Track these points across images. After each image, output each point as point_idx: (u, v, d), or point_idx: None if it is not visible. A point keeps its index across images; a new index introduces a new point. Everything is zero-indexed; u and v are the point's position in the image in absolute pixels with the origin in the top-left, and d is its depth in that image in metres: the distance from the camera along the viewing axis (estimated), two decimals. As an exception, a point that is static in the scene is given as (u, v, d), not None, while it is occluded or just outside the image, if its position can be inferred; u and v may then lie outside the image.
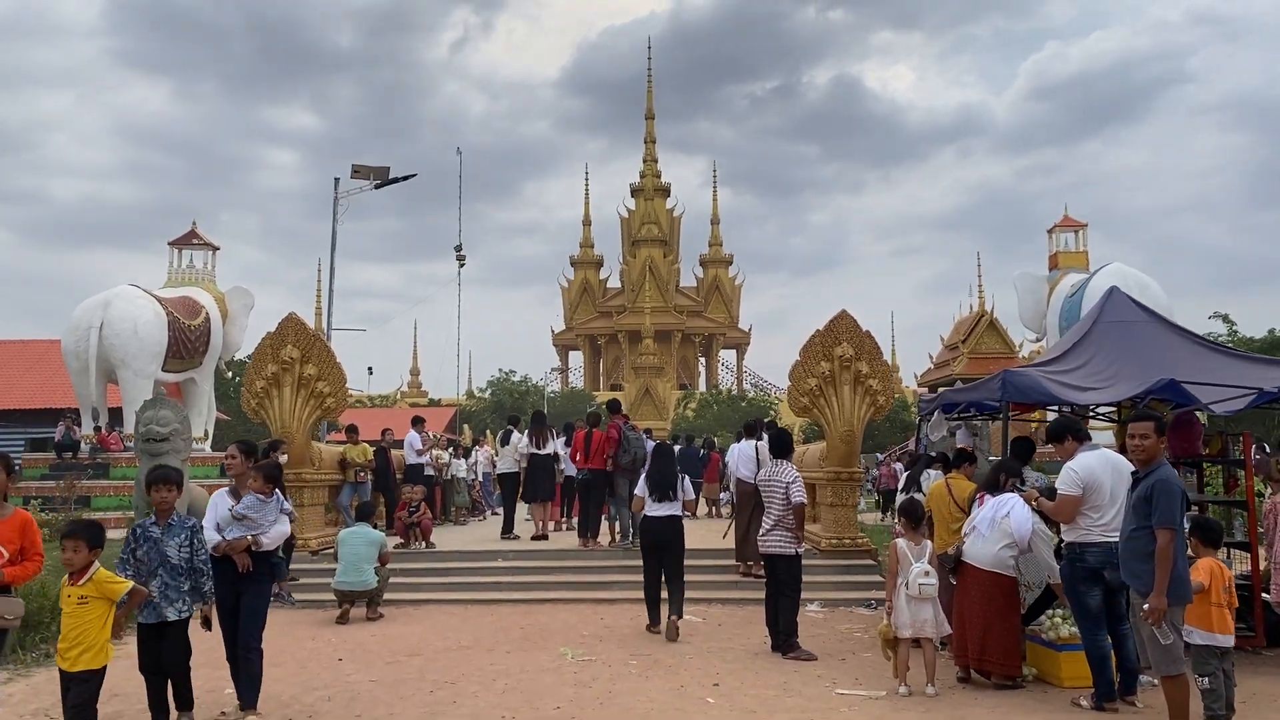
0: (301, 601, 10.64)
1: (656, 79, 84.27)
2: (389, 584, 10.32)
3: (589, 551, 12.39)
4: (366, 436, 15.54)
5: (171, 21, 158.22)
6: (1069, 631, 6.88)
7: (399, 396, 64.35)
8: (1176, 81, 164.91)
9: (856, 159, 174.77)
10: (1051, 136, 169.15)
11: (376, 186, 27.28)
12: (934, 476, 9.21)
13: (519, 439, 14.24)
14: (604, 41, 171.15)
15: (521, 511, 14.87)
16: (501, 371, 62.44)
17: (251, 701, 6.06)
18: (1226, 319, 30.82)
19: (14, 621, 5.32)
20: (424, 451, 15.63)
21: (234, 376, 34.15)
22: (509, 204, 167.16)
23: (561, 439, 14.37)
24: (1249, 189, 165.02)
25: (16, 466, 8.42)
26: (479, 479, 20.33)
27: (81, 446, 21.55)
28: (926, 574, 6.79)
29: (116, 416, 22.22)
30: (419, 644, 8.56)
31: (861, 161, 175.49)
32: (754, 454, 11.28)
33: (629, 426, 12.74)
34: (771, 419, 25.27)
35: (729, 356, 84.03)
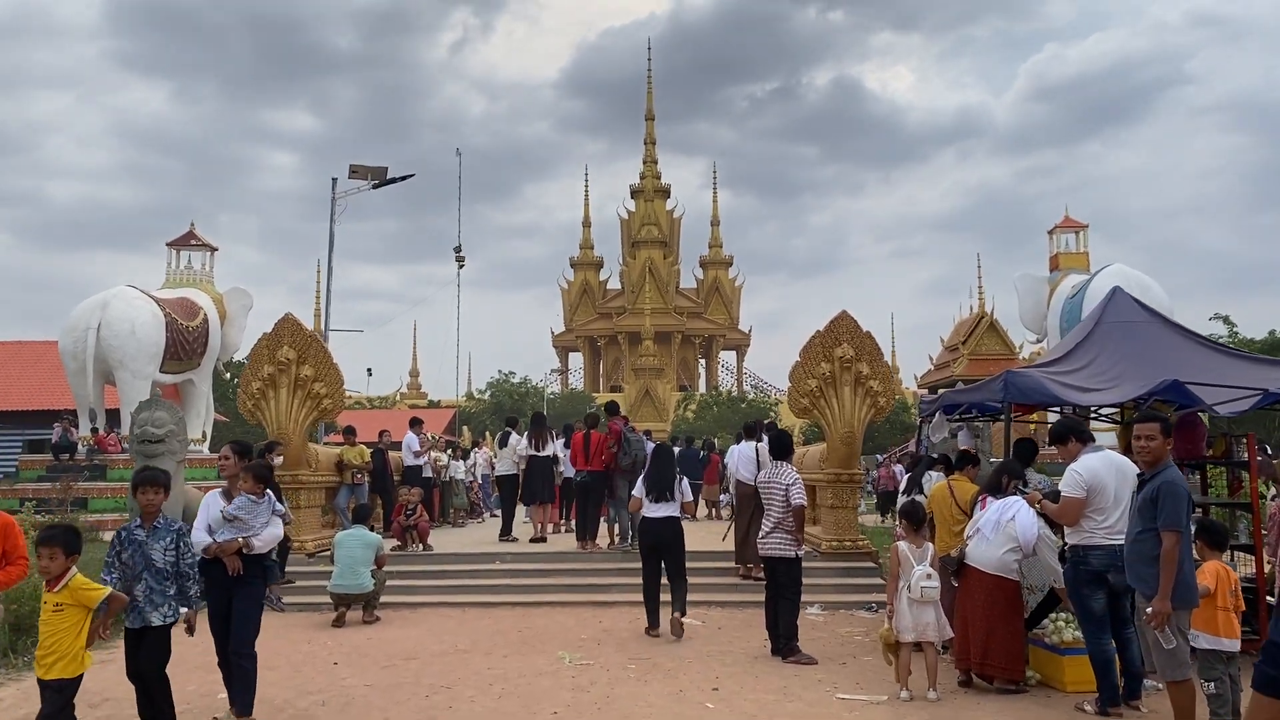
0: (297, 604, 10.58)
1: (656, 80, 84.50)
2: (386, 587, 10.25)
3: (587, 554, 12.32)
4: (365, 438, 15.49)
5: (171, 23, 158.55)
6: (1072, 635, 6.80)
7: (398, 398, 64.32)
8: (1176, 83, 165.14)
9: (856, 160, 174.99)
10: (1051, 138, 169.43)
11: (374, 186, 27.29)
12: (935, 478, 9.13)
13: (517, 441, 14.17)
14: (603, 42, 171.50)
15: (520, 514, 14.81)
16: (501, 373, 62.33)
17: (245, 708, 5.95)
18: (1227, 321, 30.86)
19: None
20: (422, 453, 15.58)
21: (232, 378, 34.14)
22: (508, 205, 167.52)
23: (560, 440, 14.30)
24: (1249, 190, 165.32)
25: None
26: (477, 481, 20.29)
27: (79, 448, 21.51)
28: (929, 577, 6.72)
29: (115, 418, 22.16)
30: (415, 647, 8.49)
31: (861, 163, 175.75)
32: (754, 455, 11.21)
33: (629, 428, 12.67)
34: (771, 420, 25.18)
35: (729, 358, 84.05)
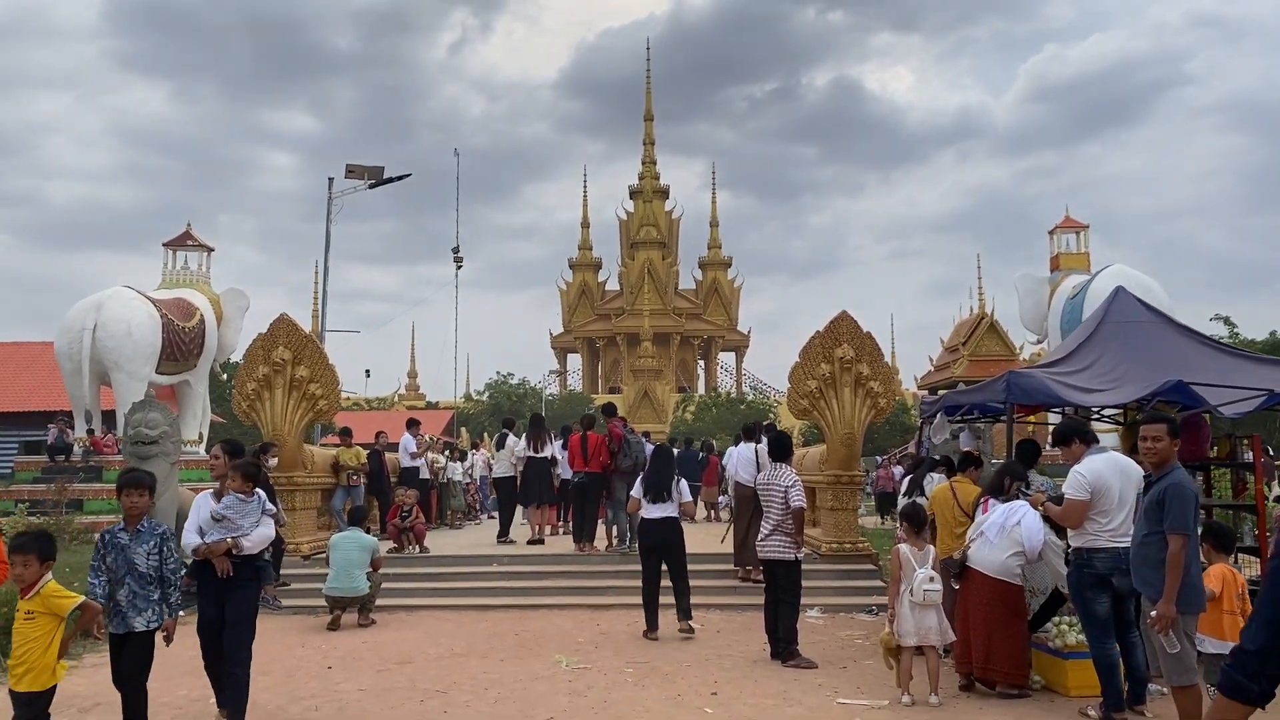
0: (292, 607, 10.48)
1: (655, 81, 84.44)
2: (381, 590, 10.15)
3: (585, 556, 12.23)
4: (363, 439, 15.39)
5: (171, 23, 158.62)
6: (1076, 639, 6.70)
7: (396, 399, 64.26)
8: (1176, 84, 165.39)
9: (856, 161, 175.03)
10: (1051, 139, 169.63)
11: (371, 186, 27.22)
12: (937, 480, 9.05)
13: (514, 442, 14.08)
14: (603, 43, 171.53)
15: (518, 516, 14.71)
16: (499, 374, 62.46)
17: (237, 715, 5.81)
18: (1228, 321, 30.74)
19: None
20: (418, 455, 15.48)
21: (229, 379, 34.02)
22: (507, 206, 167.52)
23: (559, 442, 14.21)
24: (1249, 191, 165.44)
25: None
26: (475, 482, 20.19)
27: (74, 449, 21.40)
28: (931, 580, 6.62)
29: (111, 419, 22.05)
30: (411, 651, 8.40)
31: (861, 163, 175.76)
32: (753, 457, 11.11)
33: (629, 430, 12.58)
34: (771, 422, 25.09)
35: (728, 359, 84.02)
